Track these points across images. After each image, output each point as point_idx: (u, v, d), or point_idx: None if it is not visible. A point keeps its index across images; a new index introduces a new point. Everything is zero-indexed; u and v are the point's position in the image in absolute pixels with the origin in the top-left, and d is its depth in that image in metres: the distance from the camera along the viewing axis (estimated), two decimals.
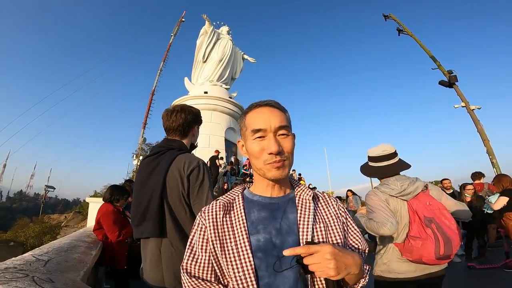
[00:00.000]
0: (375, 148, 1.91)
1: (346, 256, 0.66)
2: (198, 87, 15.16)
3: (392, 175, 1.82)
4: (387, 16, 13.23)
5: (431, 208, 1.65)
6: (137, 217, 1.40)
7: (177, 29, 26.51)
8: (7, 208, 71.50)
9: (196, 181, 1.36)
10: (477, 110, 10.74)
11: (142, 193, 1.42)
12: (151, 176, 1.43)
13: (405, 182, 1.73)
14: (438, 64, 11.61)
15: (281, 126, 0.77)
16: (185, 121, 1.55)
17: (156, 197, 1.35)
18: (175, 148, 1.49)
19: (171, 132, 1.56)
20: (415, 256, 1.60)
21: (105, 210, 3.00)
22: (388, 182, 1.78)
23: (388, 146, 1.88)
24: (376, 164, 1.88)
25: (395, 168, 1.84)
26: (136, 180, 1.53)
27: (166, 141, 1.55)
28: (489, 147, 10.18)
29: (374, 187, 1.87)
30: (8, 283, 0.90)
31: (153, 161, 1.47)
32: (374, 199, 1.75)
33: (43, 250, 1.88)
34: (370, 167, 1.93)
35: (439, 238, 1.54)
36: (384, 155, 1.85)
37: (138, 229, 1.40)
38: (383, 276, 1.74)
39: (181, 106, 1.61)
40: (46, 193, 33.99)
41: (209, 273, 0.75)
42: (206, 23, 15.67)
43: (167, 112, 1.58)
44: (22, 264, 1.29)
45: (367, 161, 2.00)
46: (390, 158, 1.85)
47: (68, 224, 15.52)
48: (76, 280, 1.39)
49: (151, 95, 25.40)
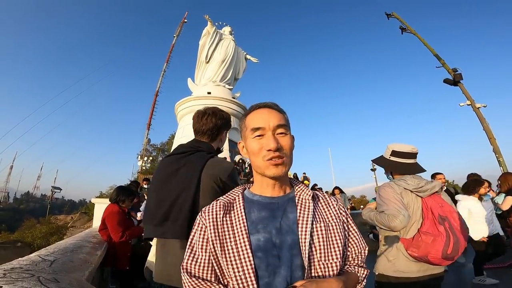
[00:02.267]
0: (403, 145, 1.92)
1: None
2: (201, 88, 15.20)
3: (411, 173, 1.84)
4: (390, 15, 13.14)
5: (444, 210, 1.67)
6: (157, 216, 1.34)
7: (179, 30, 26.67)
8: (14, 209, 72.50)
9: (233, 185, 1.32)
10: (482, 108, 10.62)
11: (165, 192, 1.36)
12: (177, 175, 1.37)
13: (422, 181, 1.76)
14: (443, 62, 11.49)
15: (279, 124, 0.79)
16: (215, 125, 1.52)
17: (189, 198, 1.29)
18: (204, 150, 1.45)
19: (200, 135, 1.54)
20: (421, 252, 1.59)
21: (110, 210, 3.04)
22: (405, 178, 1.79)
23: (414, 146, 1.90)
24: (400, 159, 1.89)
25: (415, 168, 1.87)
26: (156, 178, 1.46)
27: (194, 142, 1.52)
28: (496, 145, 10.06)
29: (389, 182, 1.85)
30: (14, 283, 0.92)
31: (178, 160, 1.41)
32: (388, 191, 1.74)
33: (49, 251, 1.91)
34: (391, 161, 1.93)
35: (450, 236, 1.54)
36: (412, 152, 1.88)
37: (158, 229, 1.34)
38: (386, 275, 1.73)
39: (213, 109, 1.58)
40: (52, 194, 34.43)
41: (209, 273, 0.76)
42: (208, 24, 15.70)
43: (198, 114, 1.55)
44: (28, 264, 1.31)
45: (382, 155, 2.01)
46: (413, 157, 1.89)
47: (74, 225, 15.69)
48: (81, 280, 1.41)
49: (154, 96, 25.62)
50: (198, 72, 16.42)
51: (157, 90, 25.84)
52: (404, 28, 12.60)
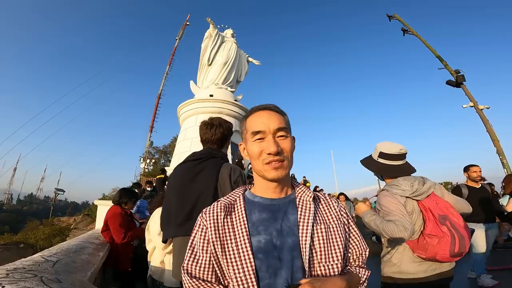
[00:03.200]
0: (390, 145, 1.82)
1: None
2: (204, 90, 15.23)
3: (400, 176, 1.77)
4: (391, 17, 13.14)
5: (440, 207, 1.62)
6: (180, 216, 1.49)
7: (182, 32, 26.82)
8: (17, 210, 72.76)
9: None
10: (486, 109, 10.56)
11: (187, 194, 1.52)
12: (196, 179, 1.54)
13: (414, 182, 1.68)
14: (445, 63, 11.46)
15: (280, 128, 0.79)
16: (222, 135, 1.70)
17: (210, 197, 1.44)
18: (218, 156, 1.63)
19: (209, 144, 1.70)
20: (429, 254, 1.57)
21: (113, 212, 3.05)
22: (397, 183, 1.71)
23: (402, 146, 1.81)
24: (387, 161, 1.81)
25: (404, 169, 1.79)
26: (176, 182, 1.61)
27: (209, 150, 1.68)
28: (499, 147, 9.99)
29: (385, 188, 1.78)
30: (17, 283, 0.93)
31: (195, 166, 1.59)
32: (392, 202, 1.65)
33: (52, 251, 1.92)
34: (379, 163, 1.84)
35: (454, 235, 1.52)
36: (401, 153, 1.79)
37: (181, 228, 1.47)
38: (393, 277, 1.69)
39: (219, 120, 1.73)
40: (56, 196, 34.46)
41: (209, 274, 0.76)
42: (211, 26, 15.76)
43: (206, 125, 1.71)
44: (31, 265, 1.32)
45: (371, 156, 1.92)
46: (402, 158, 1.81)
47: (77, 227, 15.71)
48: (83, 281, 1.42)
49: (157, 98, 25.72)
50: (201, 75, 16.48)
51: (160, 93, 25.96)
52: (406, 29, 12.59)
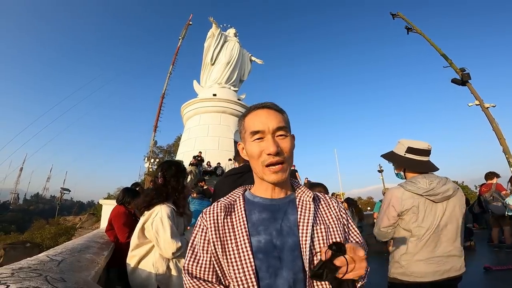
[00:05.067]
0: (418, 141, 1.84)
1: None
2: (207, 90, 15.29)
3: (423, 172, 1.77)
4: (395, 15, 13.00)
5: None
6: None
7: (185, 32, 26.88)
8: (24, 210, 73.77)
9: None
10: (492, 108, 10.43)
11: None
12: None
13: (433, 180, 1.67)
14: (450, 62, 11.31)
15: (279, 127, 0.78)
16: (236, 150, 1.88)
17: None
18: None
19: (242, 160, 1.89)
20: None
21: (116, 211, 3.08)
22: (415, 180, 1.72)
23: (428, 143, 1.83)
24: (414, 156, 1.81)
25: (428, 166, 1.80)
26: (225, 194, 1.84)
27: (247, 163, 1.86)
28: (505, 145, 9.85)
29: (401, 184, 1.79)
30: (22, 281, 0.94)
31: (238, 179, 1.77)
32: (389, 197, 1.77)
33: (57, 251, 1.94)
34: (405, 158, 1.84)
35: None
36: (428, 149, 1.80)
37: None
38: (399, 279, 1.67)
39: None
40: (61, 196, 34.94)
41: (210, 274, 0.76)
42: (213, 26, 15.80)
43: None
44: (36, 264, 1.33)
45: (392, 151, 1.94)
46: (428, 155, 1.82)
47: (82, 226, 15.87)
48: (87, 280, 1.43)
49: (161, 98, 25.79)
50: (204, 74, 16.52)
51: (164, 92, 26.04)
52: (410, 28, 12.46)
